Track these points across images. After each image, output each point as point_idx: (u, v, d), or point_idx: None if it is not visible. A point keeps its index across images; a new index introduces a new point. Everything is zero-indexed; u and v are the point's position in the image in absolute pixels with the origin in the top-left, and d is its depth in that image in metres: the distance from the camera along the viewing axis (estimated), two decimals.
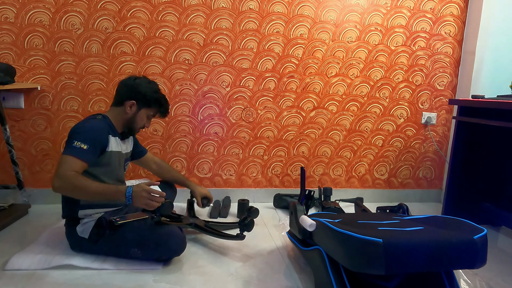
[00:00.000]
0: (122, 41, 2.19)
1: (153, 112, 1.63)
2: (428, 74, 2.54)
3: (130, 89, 1.57)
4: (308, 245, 1.48)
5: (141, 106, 1.59)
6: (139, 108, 1.59)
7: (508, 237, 2.10)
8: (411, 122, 2.58)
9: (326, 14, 2.36)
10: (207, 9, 2.24)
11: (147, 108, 1.60)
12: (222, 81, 2.33)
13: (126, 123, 1.61)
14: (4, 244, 1.69)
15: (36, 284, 1.38)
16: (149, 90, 1.58)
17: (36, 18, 2.09)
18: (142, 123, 1.62)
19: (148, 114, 1.62)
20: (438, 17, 2.48)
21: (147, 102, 1.58)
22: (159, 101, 1.61)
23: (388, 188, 2.64)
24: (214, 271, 1.54)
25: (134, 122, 1.60)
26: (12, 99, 2.13)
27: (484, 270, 1.60)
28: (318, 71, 2.42)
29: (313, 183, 2.55)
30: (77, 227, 1.54)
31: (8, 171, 2.15)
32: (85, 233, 1.52)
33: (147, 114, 1.62)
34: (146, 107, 1.60)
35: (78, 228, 1.54)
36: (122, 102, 1.58)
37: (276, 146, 2.47)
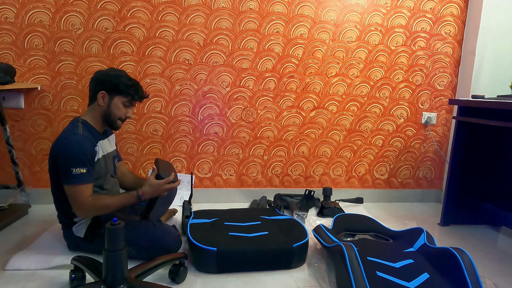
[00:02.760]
0: (122, 41, 2.19)
1: (126, 98, 1.56)
2: (428, 74, 2.54)
3: (97, 81, 1.55)
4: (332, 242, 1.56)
5: (113, 95, 1.54)
6: (111, 97, 1.54)
7: (508, 237, 2.10)
8: (411, 122, 2.58)
9: (326, 14, 2.36)
10: (207, 9, 2.24)
11: (118, 95, 1.55)
12: (222, 81, 2.33)
13: (104, 117, 1.57)
14: (4, 244, 1.70)
15: (36, 284, 1.38)
16: (115, 76, 1.55)
17: (36, 18, 2.09)
18: (119, 113, 1.57)
19: (123, 101, 1.56)
20: (438, 17, 2.48)
21: (116, 88, 1.54)
22: (127, 85, 1.55)
23: (388, 188, 2.64)
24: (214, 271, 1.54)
25: (110, 113, 1.56)
26: (12, 99, 2.13)
27: (484, 270, 1.61)
28: (318, 71, 2.42)
29: (313, 183, 2.55)
30: (73, 227, 1.56)
31: (8, 171, 2.15)
32: (80, 233, 1.54)
33: (122, 101, 1.56)
34: (117, 94, 1.55)
35: (74, 228, 1.55)
36: (95, 96, 1.55)
37: (276, 146, 2.47)
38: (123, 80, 1.54)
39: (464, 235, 2.08)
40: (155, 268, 1.40)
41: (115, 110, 1.56)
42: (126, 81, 1.55)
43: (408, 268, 1.42)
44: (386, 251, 1.59)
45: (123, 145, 2.28)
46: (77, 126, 1.50)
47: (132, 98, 1.58)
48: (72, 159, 1.41)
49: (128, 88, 1.55)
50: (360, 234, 1.86)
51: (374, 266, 1.41)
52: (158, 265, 1.41)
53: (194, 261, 1.55)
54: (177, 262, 1.46)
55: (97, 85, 1.55)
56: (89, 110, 1.59)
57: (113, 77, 1.54)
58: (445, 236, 2.06)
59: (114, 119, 1.58)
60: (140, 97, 1.61)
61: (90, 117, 1.57)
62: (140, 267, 1.37)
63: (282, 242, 1.60)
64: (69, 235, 1.57)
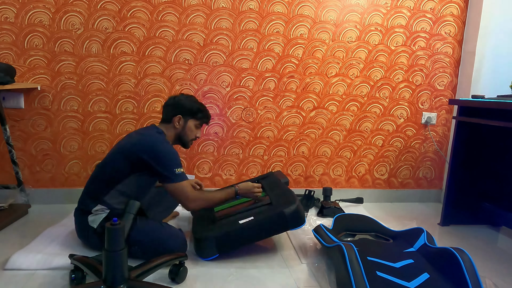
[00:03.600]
0: (122, 41, 2.19)
1: (199, 120, 1.77)
2: (428, 74, 2.54)
3: (174, 106, 1.73)
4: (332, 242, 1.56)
5: (187, 118, 1.74)
6: (186, 120, 1.73)
7: (508, 237, 2.10)
8: (411, 122, 2.58)
9: (326, 14, 2.36)
10: (207, 9, 2.24)
11: (192, 118, 1.75)
12: (222, 81, 2.33)
13: (178, 137, 1.76)
14: (4, 244, 1.70)
15: (36, 284, 1.38)
16: (190, 102, 1.75)
17: (36, 18, 2.10)
18: (192, 134, 1.77)
19: (195, 124, 1.77)
20: (438, 17, 2.48)
21: (191, 112, 1.74)
22: (200, 109, 1.77)
23: (388, 188, 2.64)
24: (214, 271, 1.54)
25: (185, 134, 1.75)
26: (12, 99, 2.13)
27: (484, 270, 1.61)
28: (318, 71, 2.42)
29: (313, 183, 2.56)
30: (89, 216, 1.57)
31: (8, 171, 2.15)
32: (94, 223, 1.55)
33: (194, 124, 1.76)
34: (191, 118, 1.75)
35: (90, 218, 1.57)
36: (170, 119, 1.72)
37: (276, 146, 2.47)
38: (196, 106, 1.76)
39: (464, 235, 2.08)
40: (155, 268, 1.40)
41: (189, 131, 1.76)
42: (198, 106, 1.77)
43: (408, 268, 1.42)
44: (386, 251, 1.59)
45: None
46: (163, 135, 1.68)
47: (203, 122, 1.81)
48: (174, 160, 1.58)
49: (200, 112, 1.77)
50: (360, 234, 1.86)
51: (374, 266, 1.41)
52: (158, 265, 1.41)
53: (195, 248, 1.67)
54: (177, 262, 1.46)
55: (172, 109, 1.73)
56: (164, 127, 1.73)
57: (188, 103, 1.75)
58: (445, 236, 2.06)
59: (187, 139, 1.77)
60: (209, 120, 1.85)
61: (166, 133, 1.72)
62: (140, 267, 1.36)
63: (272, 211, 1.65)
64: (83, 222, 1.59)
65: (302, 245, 1.81)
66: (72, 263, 1.39)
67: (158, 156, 1.56)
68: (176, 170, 1.56)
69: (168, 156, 1.58)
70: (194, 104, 1.76)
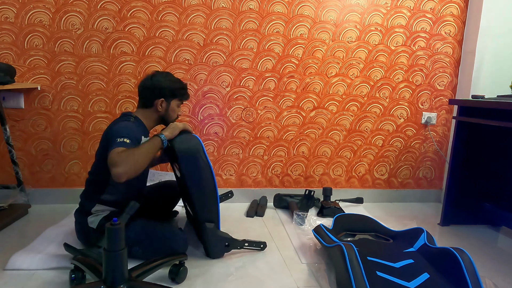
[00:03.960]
0: (122, 41, 2.19)
1: (179, 99, 1.73)
2: (428, 74, 2.54)
3: (153, 89, 1.66)
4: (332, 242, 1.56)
5: (169, 99, 1.68)
6: (169, 101, 1.68)
7: (508, 237, 2.10)
8: (411, 122, 2.58)
9: (326, 14, 2.36)
10: (207, 9, 2.24)
11: (174, 99, 1.70)
12: (222, 81, 2.33)
13: (161, 120, 1.71)
14: (4, 244, 1.70)
15: (36, 284, 1.38)
16: (169, 82, 1.68)
17: (36, 18, 2.09)
18: (175, 114, 1.73)
19: (177, 103, 1.72)
20: (438, 17, 2.48)
21: (172, 93, 1.68)
22: (180, 88, 1.72)
23: (388, 188, 2.64)
24: (214, 271, 1.54)
25: (168, 116, 1.70)
26: (12, 99, 2.13)
27: (484, 270, 1.61)
28: (318, 71, 2.42)
29: (313, 183, 2.55)
30: (88, 217, 1.57)
31: (8, 171, 2.15)
32: (94, 224, 1.56)
33: (177, 104, 1.72)
34: (173, 98, 1.70)
35: (89, 219, 1.57)
36: (151, 103, 1.66)
37: (276, 146, 2.47)
38: (176, 85, 1.70)
39: (464, 235, 2.08)
40: (155, 268, 1.40)
41: (172, 112, 1.71)
42: (178, 84, 1.71)
43: (408, 268, 1.42)
44: (386, 251, 1.59)
45: None
46: (129, 119, 1.59)
47: (185, 98, 1.77)
48: (122, 131, 1.46)
49: (181, 90, 1.72)
50: (360, 234, 1.86)
51: (374, 266, 1.41)
52: (158, 265, 1.41)
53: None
54: (177, 262, 1.46)
55: (152, 92, 1.65)
56: (143, 112, 1.67)
57: (168, 84, 1.67)
58: (445, 236, 2.06)
59: (172, 120, 1.72)
60: (188, 97, 1.80)
61: (144, 118, 1.66)
62: (140, 267, 1.37)
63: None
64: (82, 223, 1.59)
65: (302, 245, 1.81)
66: (72, 263, 1.39)
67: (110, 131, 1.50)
68: (117, 139, 1.41)
69: (118, 128, 1.48)
70: (174, 84, 1.70)
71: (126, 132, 1.47)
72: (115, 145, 1.40)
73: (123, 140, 1.42)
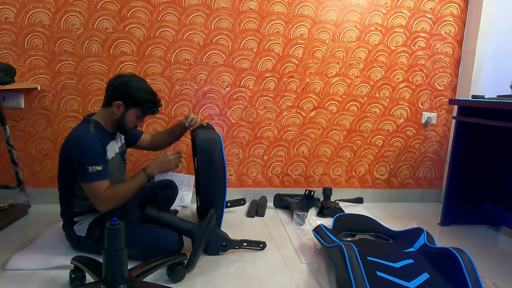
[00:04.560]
0: (122, 41, 2.19)
1: (141, 111, 1.57)
2: (428, 74, 2.54)
3: (116, 90, 1.53)
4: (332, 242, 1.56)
5: (128, 106, 1.54)
6: (126, 108, 1.54)
7: (508, 237, 2.10)
8: (411, 122, 2.58)
9: (326, 14, 2.36)
10: (207, 9, 2.24)
11: (134, 108, 1.55)
12: (222, 81, 2.33)
13: (117, 124, 1.59)
14: (4, 244, 1.70)
15: (36, 284, 1.38)
16: (135, 90, 1.52)
17: (36, 18, 2.09)
18: (132, 124, 1.58)
19: (137, 114, 1.57)
20: (438, 17, 2.48)
21: (133, 102, 1.53)
22: (146, 99, 1.55)
23: (388, 188, 2.64)
24: (214, 271, 1.54)
25: (123, 122, 1.57)
26: (12, 99, 2.13)
27: (484, 270, 1.61)
28: (318, 71, 2.42)
29: (313, 183, 2.55)
30: (74, 227, 1.57)
31: (8, 171, 2.15)
32: (82, 232, 1.55)
33: (136, 114, 1.56)
34: (133, 107, 1.55)
35: (75, 228, 1.56)
36: (110, 102, 1.54)
37: (276, 146, 2.47)
38: (142, 95, 1.53)
39: (464, 235, 2.08)
40: (155, 268, 1.40)
41: (129, 121, 1.57)
42: (144, 95, 1.54)
43: (408, 268, 1.42)
44: (386, 251, 1.59)
45: None
46: (88, 126, 1.51)
47: (147, 113, 1.60)
48: (87, 157, 1.43)
49: (146, 103, 1.55)
50: (360, 234, 1.86)
51: (374, 266, 1.41)
52: (158, 265, 1.41)
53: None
54: (177, 261, 1.46)
55: (114, 92, 1.54)
56: (103, 112, 1.59)
57: (133, 89, 1.52)
58: (445, 236, 2.06)
59: (126, 128, 1.60)
60: (157, 110, 1.63)
61: (103, 119, 1.57)
62: (140, 267, 1.37)
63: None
64: (70, 234, 1.58)
65: (302, 245, 1.81)
66: (72, 263, 1.39)
67: (71, 151, 1.45)
68: (89, 168, 1.41)
69: (81, 152, 1.43)
70: (140, 93, 1.52)
71: (90, 154, 1.43)
72: (90, 178, 1.42)
73: (96, 169, 1.42)
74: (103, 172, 1.45)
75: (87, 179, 1.43)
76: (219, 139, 1.67)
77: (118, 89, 1.53)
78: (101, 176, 1.45)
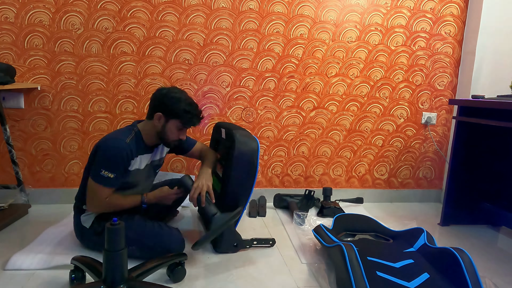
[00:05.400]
0: (122, 41, 2.19)
1: (181, 123, 1.58)
2: (428, 74, 2.54)
3: (156, 102, 1.58)
4: (332, 242, 1.56)
5: (169, 118, 1.57)
6: (167, 119, 1.57)
7: (508, 237, 2.10)
8: (411, 122, 2.58)
9: (326, 14, 2.36)
10: (207, 9, 2.24)
11: (174, 119, 1.57)
12: (222, 81, 2.33)
13: (158, 136, 1.62)
14: (4, 244, 1.70)
15: (36, 284, 1.38)
16: (174, 101, 1.55)
17: (36, 18, 2.09)
18: (173, 136, 1.60)
19: (178, 125, 1.59)
20: (438, 17, 2.48)
21: (173, 113, 1.56)
22: (186, 110, 1.56)
23: (388, 188, 2.64)
24: (214, 271, 1.54)
25: (164, 134, 1.60)
26: (12, 99, 2.13)
27: (484, 270, 1.61)
28: (318, 71, 2.42)
29: (313, 183, 2.55)
30: (82, 216, 1.59)
31: (8, 171, 2.15)
32: (87, 223, 1.58)
33: (177, 125, 1.58)
34: (173, 118, 1.57)
35: (82, 217, 1.59)
36: (151, 115, 1.59)
37: (276, 146, 2.47)
38: (181, 106, 1.55)
39: (464, 235, 2.08)
40: (155, 268, 1.40)
41: (169, 132, 1.59)
42: (184, 106, 1.55)
43: (408, 268, 1.42)
44: (386, 251, 1.59)
45: None
46: (128, 135, 1.54)
47: (188, 125, 1.61)
48: (107, 162, 1.47)
49: (186, 114, 1.56)
50: (360, 234, 1.86)
51: (374, 266, 1.41)
52: (158, 265, 1.41)
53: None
54: (177, 261, 1.46)
55: (155, 104, 1.58)
56: (145, 124, 1.63)
57: (172, 100, 1.55)
58: (445, 236, 2.06)
59: (168, 140, 1.62)
60: (198, 123, 1.64)
61: (145, 131, 1.61)
62: (140, 267, 1.37)
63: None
64: (77, 222, 1.61)
65: (302, 245, 1.81)
66: (72, 263, 1.39)
67: (99, 148, 1.50)
68: (102, 170, 1.46)
69: (105, 153, 1.48)
70: (180, 104, 1.55)
71: (112, 163, 1.47)
72: (99, 179, 1.47)
73: (108, 175, 1.46)
74: (112, 181, 1.48)
75: (96, 179, 1.48)
76: (257, 145, 1.75)
77: (159, 101, 1.57)
78: (109, 183, 1.49)
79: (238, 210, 1.62)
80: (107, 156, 1.48)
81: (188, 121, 1.59)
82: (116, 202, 1.54)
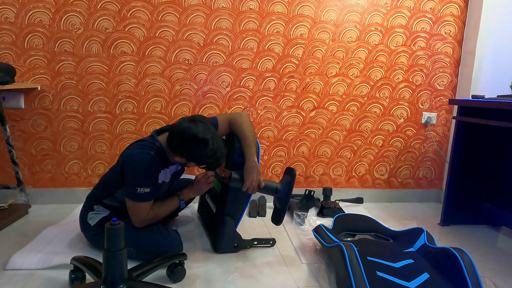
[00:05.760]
0: (122, 41, 2.19)
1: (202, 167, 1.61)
2: (428, 74, 2.54)
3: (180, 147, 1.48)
4: (332, 242, 1.56)
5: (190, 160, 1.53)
6: (188, 161, 1.54)
7: (508, 237, 2.10)
8: (411, 122, 2.58)
9: (326, 14, 2.36)
10: (207, 9, 2.24)
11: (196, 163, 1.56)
12: (222, 81, 2.33)
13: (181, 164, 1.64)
14: (4, 244, 1.70)
15: (36, 284, 1.38)
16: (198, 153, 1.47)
17: (36, 18, 2.09)
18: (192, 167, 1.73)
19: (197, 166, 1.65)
20: (438, 17, 2.48)
21: (195, 160, 1.53)
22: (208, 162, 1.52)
23: (388, 188, 2.64)
24: (214, 271, 1.54)
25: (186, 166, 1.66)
26: (12, 99, 2.13)
27: (484, 270, 1.61)
28: (318, 71, 2.42)
29: (313, 183, 2.55)
30: (90, 213, 1.61)
31: (8, 171, 2.15)
32: (92, 221, 1.60)
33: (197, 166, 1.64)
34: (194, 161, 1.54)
35: (90, 214, 1.61)
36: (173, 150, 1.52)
37: (276, 146, 2.47)
38: (204, 154, 1.47)
39: (464, 235, 2.08)
40: (155, 268, 1.40)
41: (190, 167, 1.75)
42: (207, 153, 1.47)
43: (408, 268, 1.42)
44: (386, 251, 1.59)
45: (123, 145, 2.28)
46: (151, 147, 1.51)
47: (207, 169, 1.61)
48: (139, 178, 1.47)
49: (207, 160, 1.50)
50: (360, 234, 1.86)
51: (374, 266, 1.41)
52: (158, 265, 1.41)
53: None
54: (176, 261, 1.46)
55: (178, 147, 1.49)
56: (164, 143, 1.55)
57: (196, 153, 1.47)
58: (445, 236, 2.06)
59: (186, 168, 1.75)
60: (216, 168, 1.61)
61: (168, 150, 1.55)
62: (140, 267, 1.37)
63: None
64: (83, 216, 1.63)
65: (302, 245, 1.81)
66: (72, 263, 1.39)
67: (128, 165, 1.48)
68: (138, 188, 1.46)
69: (136, 170, 1.47)
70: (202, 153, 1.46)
71: (145, 178, 1.47)
72: (137, 198, 1.49)
73: (144, 191, 1.47)
74: (150, 194, 1.50)
75: (134, 198, 1.50)
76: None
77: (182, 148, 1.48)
78: (147, 198, 1.50)
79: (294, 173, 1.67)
80: (138, 173, 1.47)
81: (212, 168, 1.57)
82: (158, 212, 1.59)
